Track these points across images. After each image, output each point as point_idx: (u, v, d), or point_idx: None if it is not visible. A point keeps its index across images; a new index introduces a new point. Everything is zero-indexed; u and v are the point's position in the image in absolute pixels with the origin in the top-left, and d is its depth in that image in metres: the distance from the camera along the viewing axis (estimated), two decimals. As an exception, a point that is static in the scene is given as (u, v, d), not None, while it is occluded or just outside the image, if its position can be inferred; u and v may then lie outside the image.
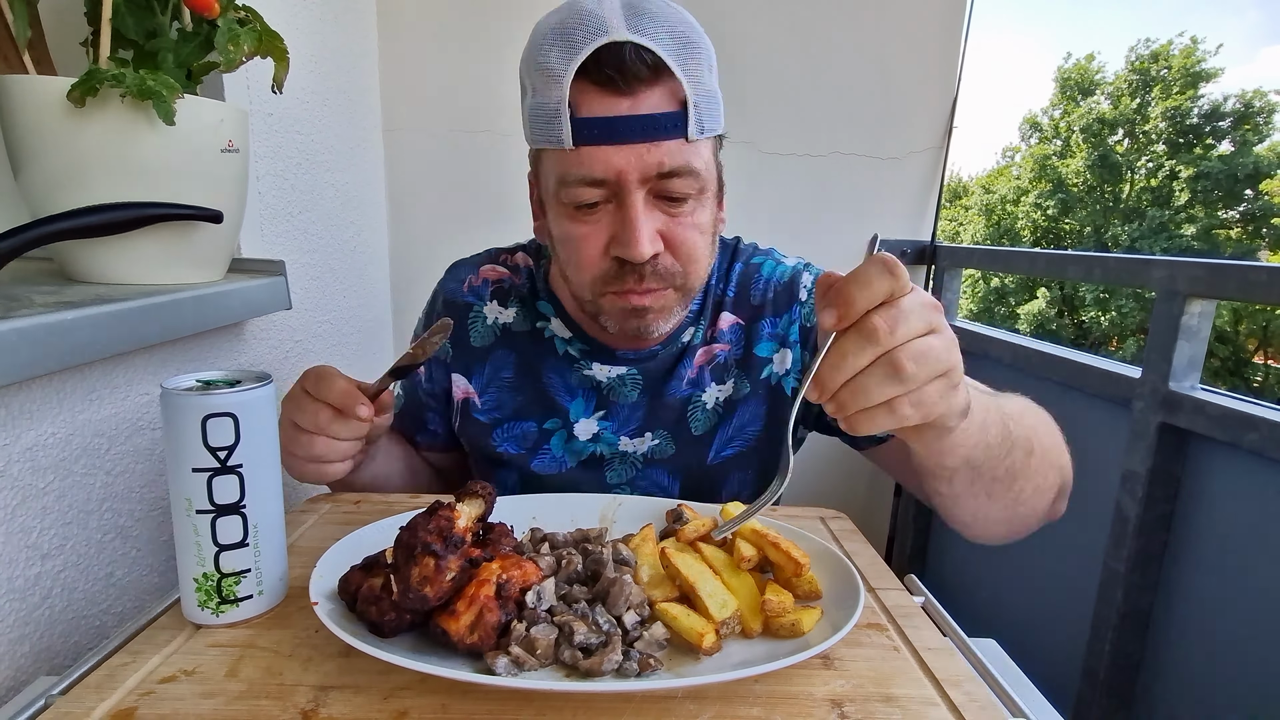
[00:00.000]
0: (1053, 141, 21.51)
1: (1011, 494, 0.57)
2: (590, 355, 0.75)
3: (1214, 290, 0.92)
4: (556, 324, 0.76)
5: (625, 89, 0.57)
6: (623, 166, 0.58)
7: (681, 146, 0.59)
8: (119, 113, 0.60)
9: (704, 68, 0.60)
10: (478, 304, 0.78)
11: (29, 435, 0.55)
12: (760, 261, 0.77)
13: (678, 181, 0.60)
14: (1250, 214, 18.25)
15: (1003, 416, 0.54)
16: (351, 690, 0.42)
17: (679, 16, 0.60)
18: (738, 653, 0.46)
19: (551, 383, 0.75)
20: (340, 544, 0.53)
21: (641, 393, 0.74)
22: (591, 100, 0.57)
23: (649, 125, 0.57)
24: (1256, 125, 18.22)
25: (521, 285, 0.78)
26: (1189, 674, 0.95)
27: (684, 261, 0.63)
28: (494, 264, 0.80)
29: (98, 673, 0.43)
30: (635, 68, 0.56)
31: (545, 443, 0.76)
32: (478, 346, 0.77)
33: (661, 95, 0.58)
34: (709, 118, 0.61)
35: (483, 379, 0.77)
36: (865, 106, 1.50)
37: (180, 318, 0.65)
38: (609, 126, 0.57)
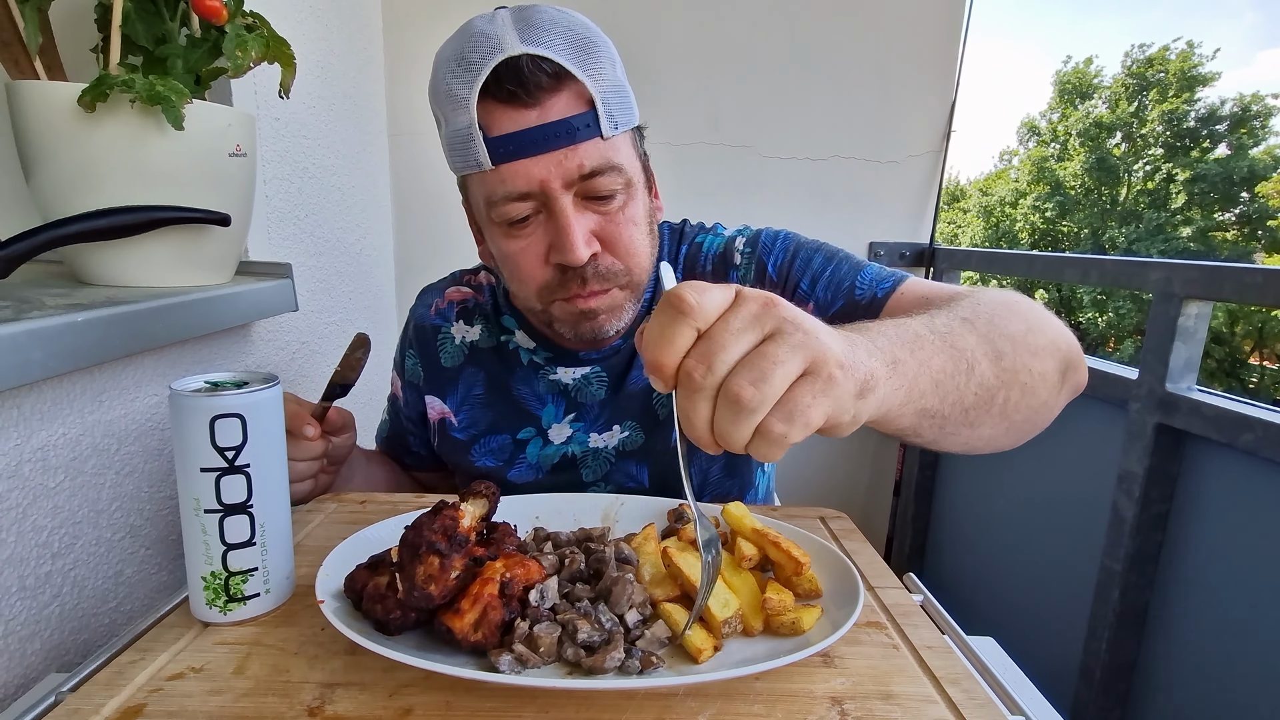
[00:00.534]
0: (1050, 145, 21.56)
1: (995, 410, 0.50)
2: (554, 361, 0.76)
3: (1210, 292, 0.93)
4: (520, 336, 0.77)
5: (530, 100, 0.57)
6: (544, 176, 0.59)
7: (599, 145, 0.60)
8: (129, 117, 0.61)
9: (606, 65, 0.61)
10: (445, 325, 0.80)
11: (40, 435, 0.55)
12: (703, 240, 0.77)
13: (602, 180, 0.60)
14: (1246, 216, 18.29)
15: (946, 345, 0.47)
16: (357, 687, 0.43)
17: (572, 20, 0.61)
18: (738, 651, 0.47)
19: (521, 393, 0.77)
20: (346, 543, 0.54)
21: (607, 388, 0.75)
22: (500, 118, 0.58)
23: (561, 131, 0.58)
24: (1253, 129, 18.27)
25: (485, 303, 0.80)
26: (1185, 672, 0.96)
27: (623, 258, 0.64)
28: (459, 285, 0.82)
29: (107, 670, 0.44)
30: (535, 78, 0.57)
31: (521, 452, 0.77)
32: (448, 367, 0.79)
33: (568, 100, 0.59)
34: (620, 113, 0.61)
35: (456, 398, 0.79)
36: (864, 111, 1.51)
37: (188, 320, 0.66)
38: (521, 140, 0.58)
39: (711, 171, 1.51)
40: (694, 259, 0.77)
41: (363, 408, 1.29)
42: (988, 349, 0.49)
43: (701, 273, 0.76)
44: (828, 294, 0.69)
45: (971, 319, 0.51)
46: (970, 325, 0.50)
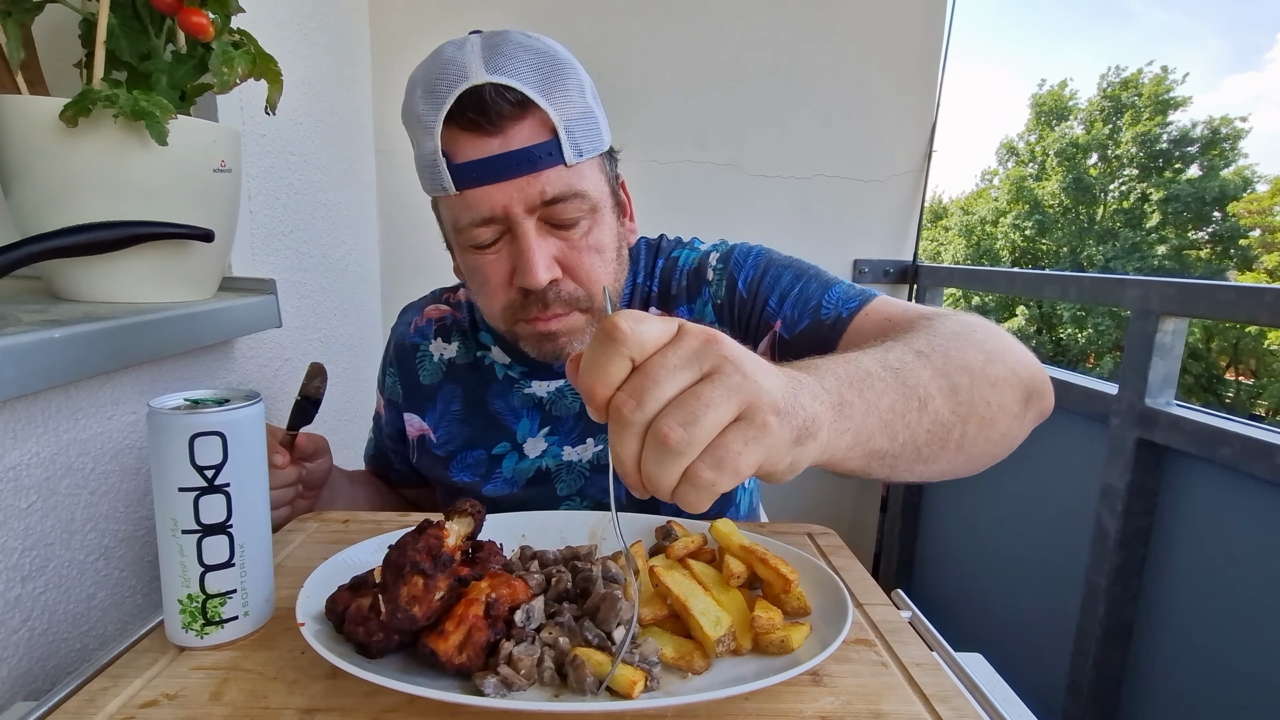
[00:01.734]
0: (1029, 165, 22.08)
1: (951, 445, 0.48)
2: (529, 375, 0.77)
3: (1186, 309, 0.95)
4: (496, 351, 0.78)
5: (492, 129, 0.58)
6: (506, 202, 0.60)
7: (561, 172, 0.60)
8: (111, 133, 0.61)
9: (573, 92, 0.61)
10: (423, 343, 0.81)
11: (13, 454, 0.54)
12: (679, 254, 0.77)
13: (564, 206, 0.61)
14: (1219, 235, 18.80)
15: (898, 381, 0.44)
16: (338, 713, 0.42)
17: (540, 48, 0.61)
18: (727, 670, 0.46)
19: (498, 408, 0.77)
20: (327, 564, 0.53)
21: (581, 401, 0.74)
22: (463, 145, 0.59)
23: (523, 159, 0.59)
24: (1223, 150, 18.85)
25: (463, 320, 0.81)
26: (1171, 685, 0.97)
27: (584, 283, 0.64)
28: (438, 303, 0.83)
29: (77, 698, 0.43)
30: (498, 106, 0.58)
31: (497, 467, 0.77)
32: (427, 384, 0.80)
33: (531, 128, 0.59)
34: (586, 140, 0.62)
35: (435, 415, 0.80)
36: (847, 130, 1.54)
37: (169, 336, 0.65)
38: (484, 168, 0.59)
39: (697, 189, 1.53)
40: (669, 273, 0.77)
41: (344, 425, 1.28)
42: (943, 383, 0.47)
43: (676, 288, 0.75)
44: (795, 312, 0.69)
45: (927, 351, 0.48)
46: (925, 359, 0.47)
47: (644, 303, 0.77)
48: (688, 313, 0.74)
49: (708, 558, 0.57)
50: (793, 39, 1.50)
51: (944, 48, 1.52)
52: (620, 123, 1.56)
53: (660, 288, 0.77)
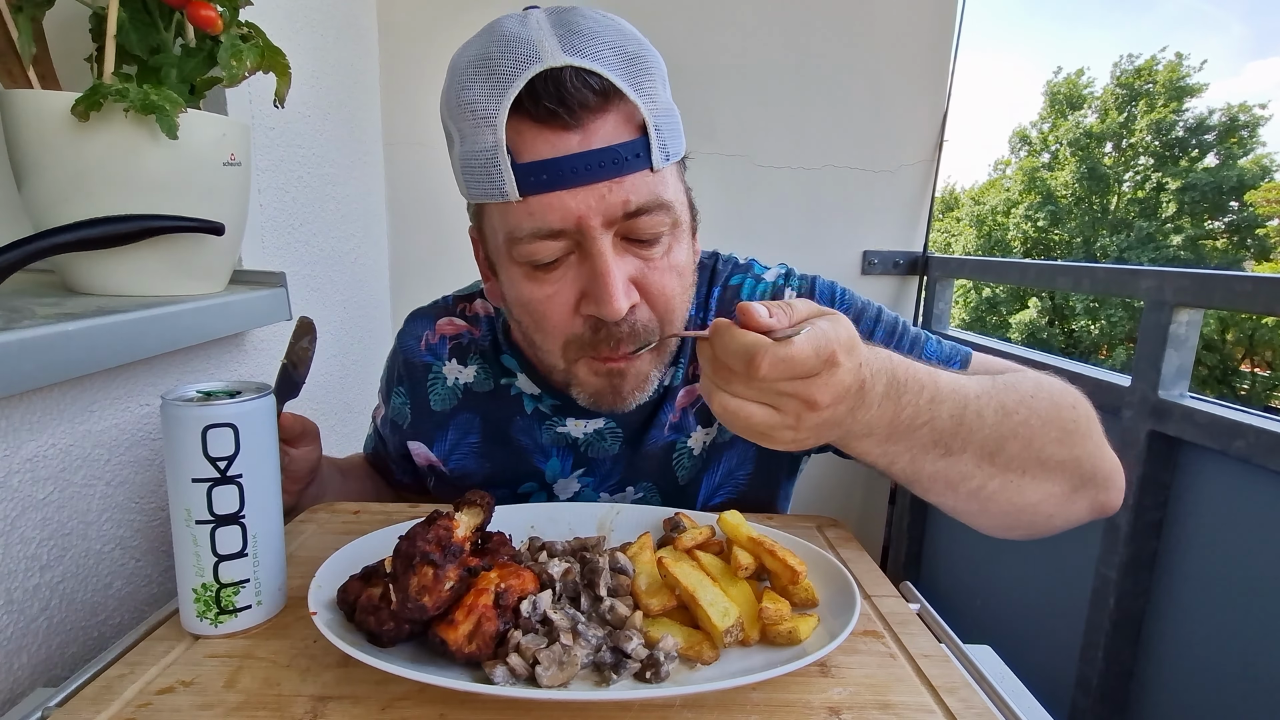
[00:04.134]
0: (1042, 154, 21.79)
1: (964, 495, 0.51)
2: (562, 411, 0.67)
3: (1201, 300, 0.94)
4: (523, 380, 0.68)
5: (572, 122, 0.48)
6: (583, 212, 0.49)
7: (647, 178, 0.50)
8: (122, 127, 0.61)
9: (658, 83, 0.52)
10: (436, 364, 0.71)
11: (29, 446, 0.55)
12: (740, 282, 0.68)
13: (648, 219, 0.51)
14: (1235, 225, 18.50)
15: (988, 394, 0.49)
16: (350, 700, 0.42)
17: (620, 29, 0.51)
18: (735, 661, 0.46)
19: (524, 443, 0.68)
20: (339, 554, 0.53)
21: (622, 444, 0.68)
22: (534, 141, 0.49)
23: (607, 160, 0.48)
24: (1241, 139, 18.52)
25: (482, 339, 0.70)
26: (1181, 679, 0.96)
27: (661, 312, 0.55)
28: (452, 316, 0.72)
29: (95, 684, 0.43)
30: (581, 95, 0.47)
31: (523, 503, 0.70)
32: (439, 410, 0.70)
33: (616, 123, 0.49)
34: (672, 140, 0.53)
35: (445, 446, 0.71)
36: (857, 120, 1.52)
37: (181, 329, 0.66)
38: (559, 169, 0.48)
39: (706, 181, 1.51)
40: (729, 304, 0.67)
41: (347, 417, 1.29)
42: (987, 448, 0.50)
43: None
44: None
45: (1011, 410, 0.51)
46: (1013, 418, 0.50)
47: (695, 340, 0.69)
48: None
49: (716, 549, 0.57)
50: (802, 28, 1.48)
51: (955, 35, 1.50)
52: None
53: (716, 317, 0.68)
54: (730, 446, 0.68)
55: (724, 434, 0.68)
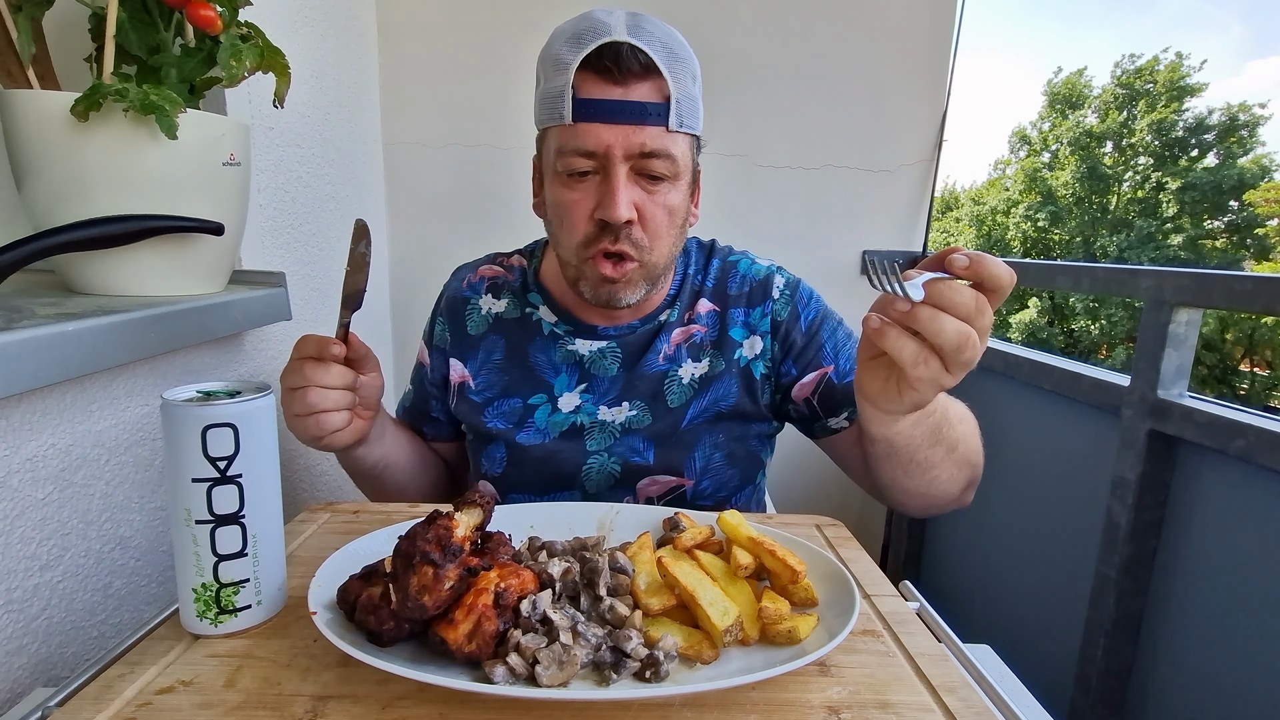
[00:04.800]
0: (1042, 154, 21.78)
1: (926, 478, 0.69)
2: (574, 333, 0.82)
3: (1200, 299, 0.94)
4: (544, 310, 0.84)
5: (619, 79, 0.67)
6: (611, 142, 0.68)
7: (662, 134, 0.69)
8: (122, 127, 0.61)
9: (687, 77, 0.71)
10: (474, 297, 0.87)
11: (29, 446, 0.55)
12: (737, 260, 0.86)
13: (656, 162, 0.69)
14: (1235, 225, 18.50)
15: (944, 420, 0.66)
16: (350, 700, 0.42)
17: (671, 34, 0.71)
18: (735, 660, 0.46)
19: (538, 361, 0.83)
20: (339, 553, 0.53)
21: (620, 366, 0.82)
22: (591, 85, 0.68)
23: (636, 110, 0.68)
24: (1241, 138, 18.52)
25: (514, 281, 0.87)
26: (1180, 678, 0.96)
27: (650, 236, 0.72)
28: (492, 264, 0.90)
29: (95, 684, 0.43)
30: (629, 62, 0.67)
31: (530, 416, 0.82)
32: (473, 334, 0.86)
33: (649, 89, 0.68)
34: (688, 116, 0.71)
35: (476, 363, 0.85)
36: (857, 120, 1.52)
37: (181, 329, 0.66)
38: (603, 108, 0.67)
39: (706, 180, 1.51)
40: (726, 274, 0.85)
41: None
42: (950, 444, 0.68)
43: (736, 290, 0.84)
44: (847, 364, 0.81)
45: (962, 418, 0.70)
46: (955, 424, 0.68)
47: (694, 295, 0.84)
48: (745, 315, 0.83)
49: (715, 549, 0.57)
50: (801, 27, 1.48)
51: (955, 35, 1.50)
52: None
53: (715, 285, 0.85)
54: (717, 379, 0.82)
55: (714, 368, 0.82)
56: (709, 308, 0.83)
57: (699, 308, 0.83)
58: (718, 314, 0.83)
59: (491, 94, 1.46)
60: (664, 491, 0.81)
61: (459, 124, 1.48)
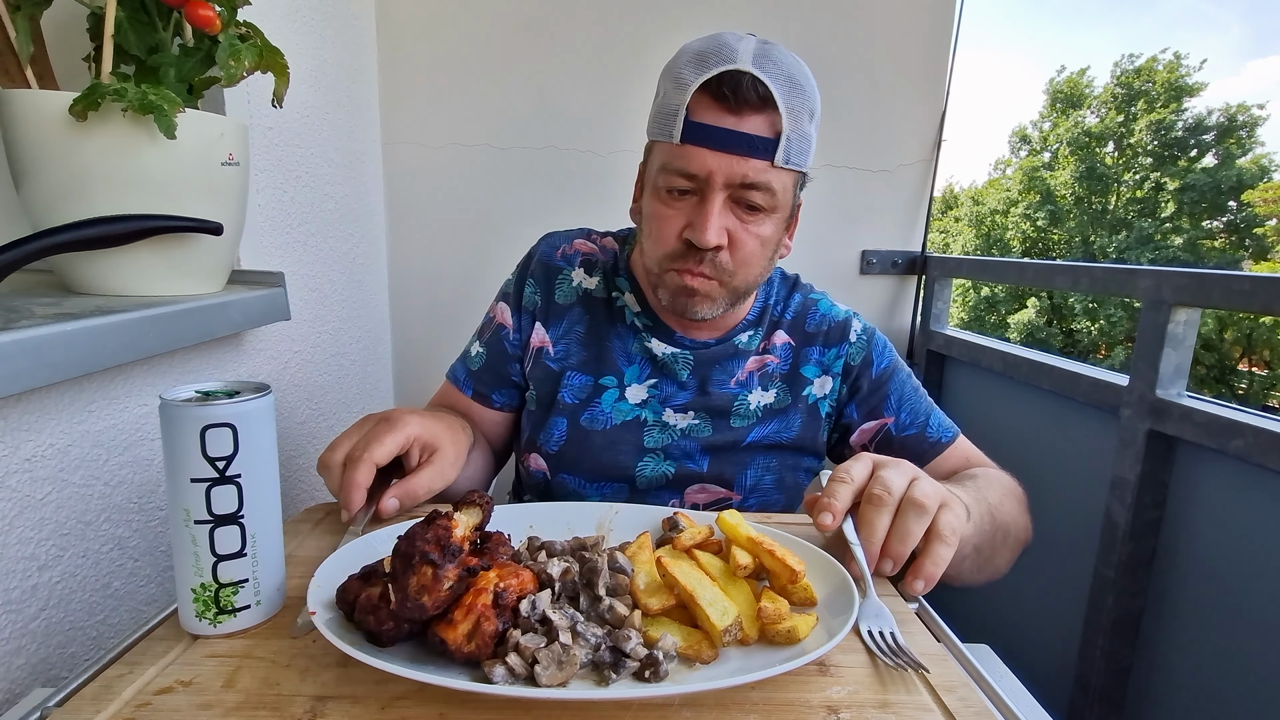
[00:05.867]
0: (1042, 154, 21.79)
1: (992, 566, 0.71)
2: (652, 330, 0.84)
3: (1199, 299, 0.94)
4: (629, 298, 0.86)
5: (734, 108, 0.68)
6: (714, 168, 0.69)
7: (766, 168, 0.69)
8: (120, 126, 0.61)
9: (805, 114, 0.71)
10: (566, 269, 0.88)
11: (27, 446, 0.55)
12: (818, 299, 0.89)
13: (755, 194, 0.70)
14: (1234, 225, 18.51)
15: (988, 509, 0.68)
16: (349, 700, 0.42)
17: (798, 67, 0.71)
18: (734, 660, 0.46)
19: (614, 346, 0.84)
20: (338, 553, 0.53)
21: (691, 374, 0.83)
22: (705, 110, 0.69)
23: (745, 142, 0.68)
24: (1240, 139, 18.53)
25: (606, 261, 0.89)
26: (1179, 678, 0.96)
27: (738, 263, 0.73)
28: (587, 239, 0.90)
29: (94, 684, 0.43)
30: (748, 93, 0.67)
31: (597, 397, 0.83)
32: (560, 303, 0.87)
33: (762, 122, 0.69)
34: (797, 154, 0.71)
35: (559, 331, 0.86)
36: (855, 120, 1.52)
37: (179, 329, 0.66)
38: (713, 134, 0.68)
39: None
40: (805, 309, 0.88)
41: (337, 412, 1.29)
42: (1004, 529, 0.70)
43: (814, 328, 0.87)
44: (907, 418, 0.84)
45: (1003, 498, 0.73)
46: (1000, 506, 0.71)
47: (772, 325, 0.87)
48: (820, 354, 0.86)
49: (714, 549, 0.57)
50: (801, 27, 1.48)
51: (954, 34, 1.50)
52: (626, 114, 1.55)
53: (793, 319, 0.87)
54: (783, 413, 0.84)
55: (780, 401, 0.84)
56: (785, 340, 0.86)
57: (775, 339, 0.85)
58: (792, 348, 0.86)
59: (491, 94, 1.46)
60: (711, 500, 0.82)
61: (459, 124, 1.48)
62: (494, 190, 1.50)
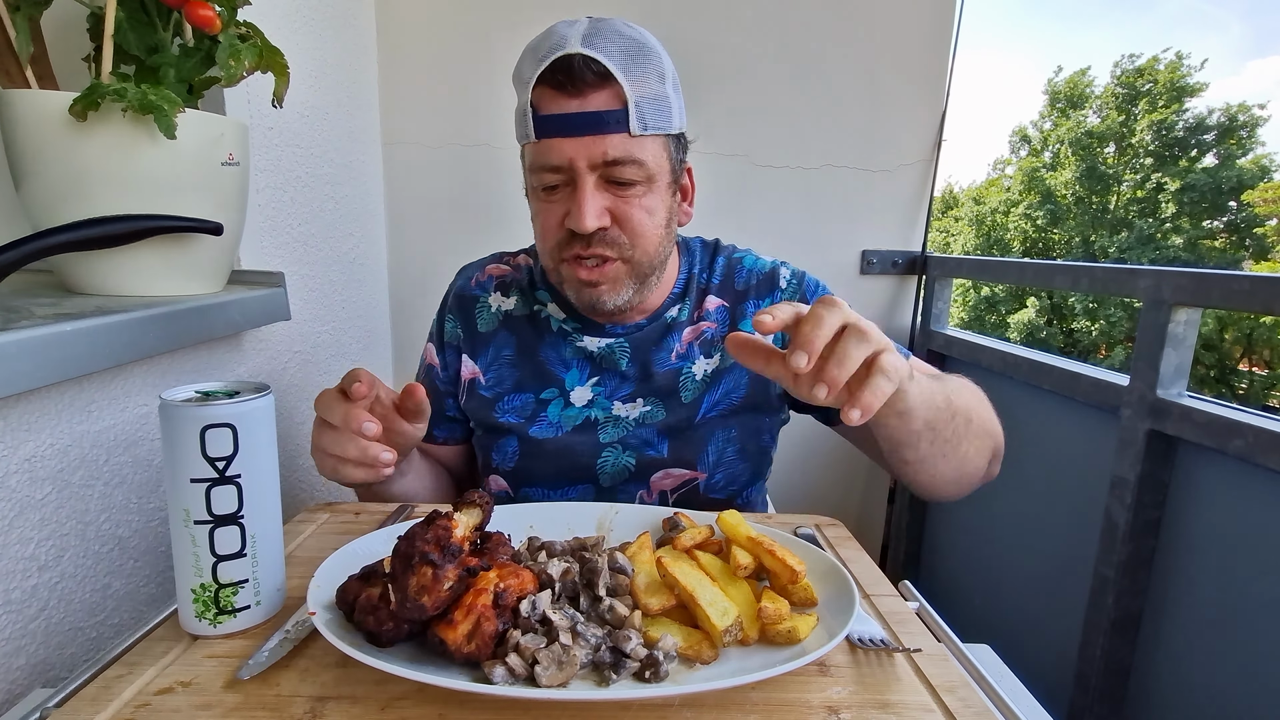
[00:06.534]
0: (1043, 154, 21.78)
1: (959, 455, 0.68)
2: (583, 330, 0.83)
3: (1199, 299, 0.94)
4: (553, 307, 0.85)
5: (574, 91, 0.68)
6: (573, 154, 0.68)
7: (625, 140, 0.69)
8: (120, 126, 0.61)
9: (652, 77, 0.70)
10: (483, 295, 0.88)
11: (27, 446, 0.55)
12: (741, 256, 0.88)
13: (623, 169, 0.69)
14: (1234, 225, 18.50)
15: (943, 388, 0.65)
16: (349, 700, 0.42)
17: (632, 35, 0.70)
18: (734, 660, 0.46)
19: (548, 358, 0.84)
20: (338, 554, 0.53)
21: (630, 361, 0.82)
22: (548, 101, 0.69)
23: (594, 121, 0.68)
24: (1240, 139, 18.52)
25: (521, 279, 0.88)
26: (1179, 678, 0.96)
27: (630, 235, 0.72)
28: (499, 263, 0.91)
29: (94, 685, 0.43)
30: (582, 74, 0.67)
31: (543, 410, 0.83)
32: (483, 331, 0.86)
33: (606, 97, 0.68)
34: (654, 117, 0.70)
35: (486, 359, 0.86)
36: (855, 120, 1.52)
37: (179, 329, 0.66)
38: (561, 122, 0.68)
39: (704, 180, 1.50)
40: (731, 269, 0.86)
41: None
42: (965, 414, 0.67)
43: (743, 284, 0.85)
44: None
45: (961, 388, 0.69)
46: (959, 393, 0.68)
47: (701, 292, 0.85)
48: (755, 308, 0.84)
49: (715, 549, 0.57)
50: (800, 26, 1.48)
51: (954, 34, 1.50)
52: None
53: (721, 281, 0.86)
54: (728, 372, 0.83)
55: (725, 361, 0.82)
56: (719, 303, 0.85)
57: (707, 304, 0.84)
58: (727, 309, 0.84)
59: (491, 94, 1.46)
60: (677, 485, 0.82)
61: (458, 124, 1.48)
62: (493, 190, 1.50)
